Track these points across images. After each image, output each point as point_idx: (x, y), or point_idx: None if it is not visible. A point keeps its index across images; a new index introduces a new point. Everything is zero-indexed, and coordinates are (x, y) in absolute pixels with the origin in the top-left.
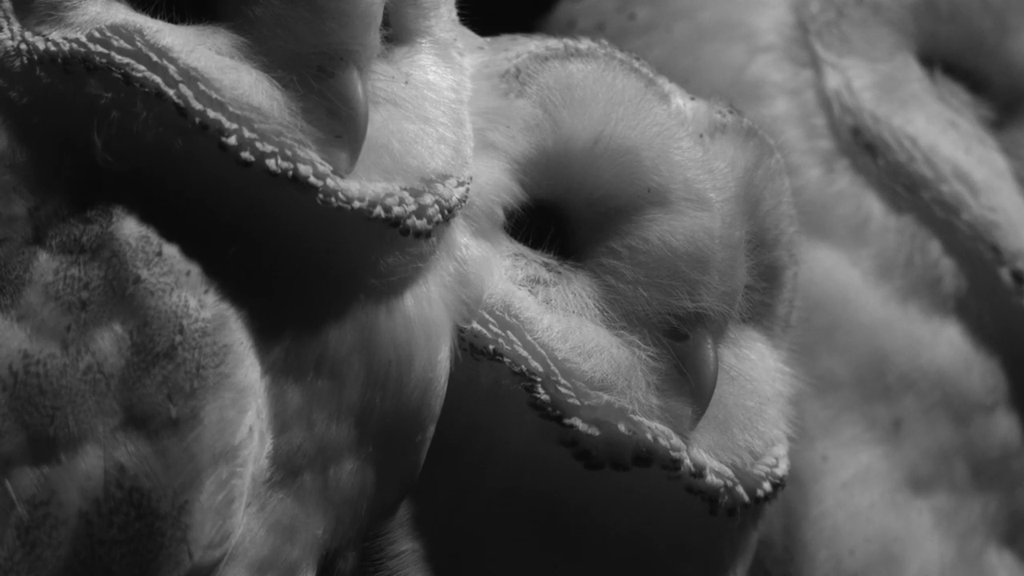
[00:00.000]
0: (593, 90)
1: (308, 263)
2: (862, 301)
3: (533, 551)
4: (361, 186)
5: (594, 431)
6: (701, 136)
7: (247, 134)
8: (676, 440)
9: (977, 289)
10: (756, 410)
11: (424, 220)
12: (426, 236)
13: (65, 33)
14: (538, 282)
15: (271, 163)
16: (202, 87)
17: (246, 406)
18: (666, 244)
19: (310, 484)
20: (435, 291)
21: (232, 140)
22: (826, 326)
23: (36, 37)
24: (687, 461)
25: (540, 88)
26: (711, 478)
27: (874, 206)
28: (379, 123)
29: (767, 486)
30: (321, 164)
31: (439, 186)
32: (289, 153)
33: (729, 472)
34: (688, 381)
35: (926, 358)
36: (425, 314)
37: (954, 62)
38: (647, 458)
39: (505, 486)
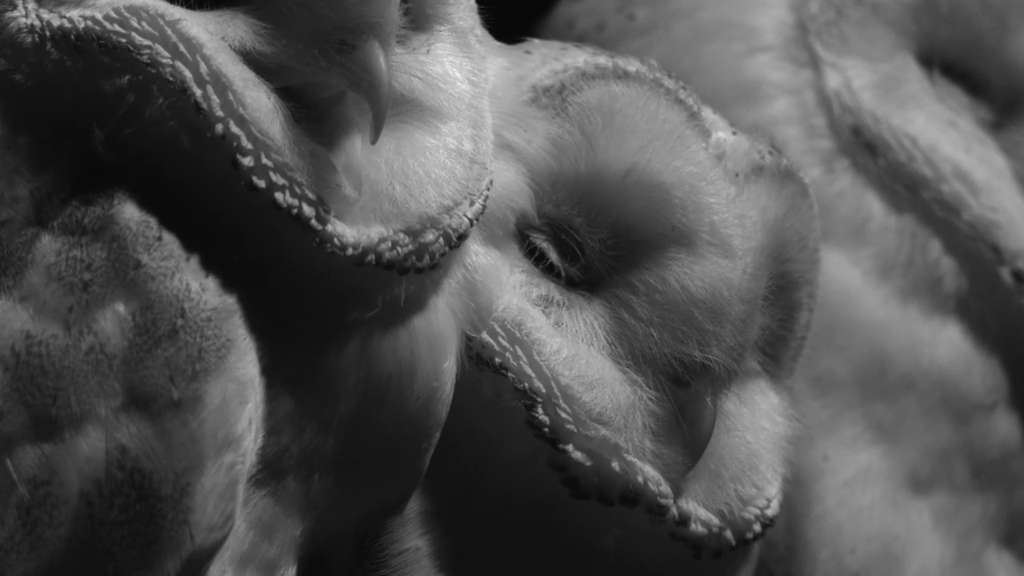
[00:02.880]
0: (634, 119)
1: (308, 280)
2: (862, 301)
3: (530, 556)
4: (357, 234)
5: (586, 461)
6: (737, 175)
7: (264, 160)
8: (665, 487)
9: (977, 289)
10: (750, 462)
11: (426, 258)
12: (430, 268)
13: (83, 12)
14: (552, 303)
15: (279, 196)
16: (230, 97)
17: (247, 398)
18: (684, 288)
19: (293, 487)
20: (442, 300)
21: (248, 161)
22: (827, 326)
23: (51, 15)
24: (673, 510)
25: (580, 109)
26: (695, 527)
27: (874, 206)
28: (383, 165)
29: (757, 528)
30: (325, 209)
31: (446, 217)
32: (298, 191)
33: (716, 520)
34: (683, 431)
35: (926, 358)
36: (430, 324)
37: (953, 62)
38: (634, 499)
39: (501, 491)
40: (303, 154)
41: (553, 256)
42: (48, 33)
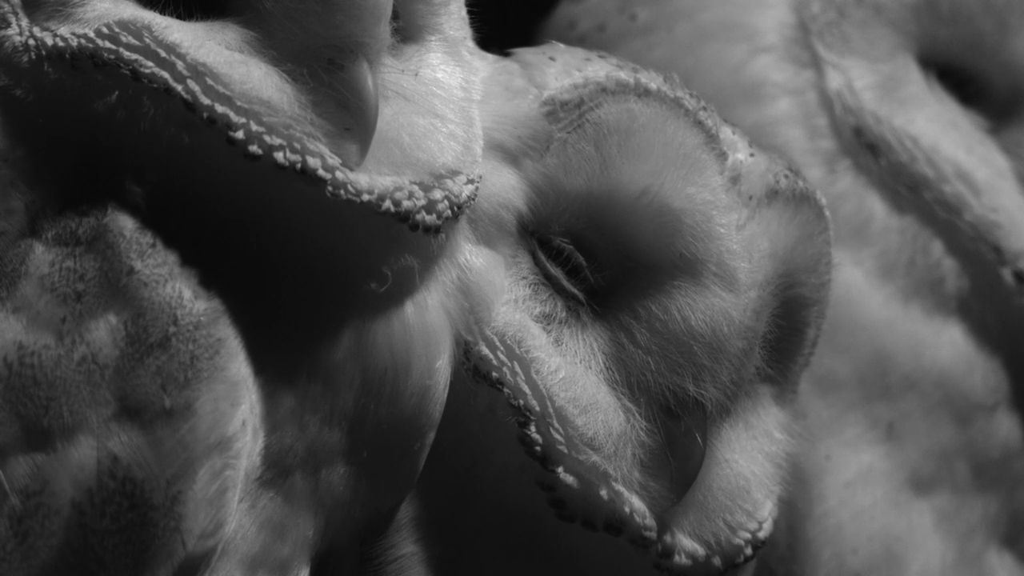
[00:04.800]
0: (650, 141)
1: (309, 265)
2: (864, 301)
3: (521, 565)
4: (371, 179)
5: (575, 485)
6: (751, 198)
7: (255, 128)
8: (650, 520)
9: (979, 289)
10: (741, 491)
11: (434, 215)
12: (435, 232)
13: (73, 29)
14: (553, 319)
15: (279, 156)
16: (210, 82)
17: (240, 399)
18: (684, 319)
19: (301, 485)
20: (436, 298)
21: (239, 134)
22: (829, 326)
23: (44, 33)
24: (656, 544)
25: (597, 127)
26: (679, 559)
27: (876, 206)
28: (389, 116)
29: (748, 551)
30: (330, 157)
31: (449, 182)
32: (298, 146)
33: (702, 551)
34: (672, 466)
35: (928, 358)
36: (424, 321)
37: (954, 63)
38: (618, 528)
39: (491, 502)
40: (304, 105)
41: (580, 258)
42: (44, 53)
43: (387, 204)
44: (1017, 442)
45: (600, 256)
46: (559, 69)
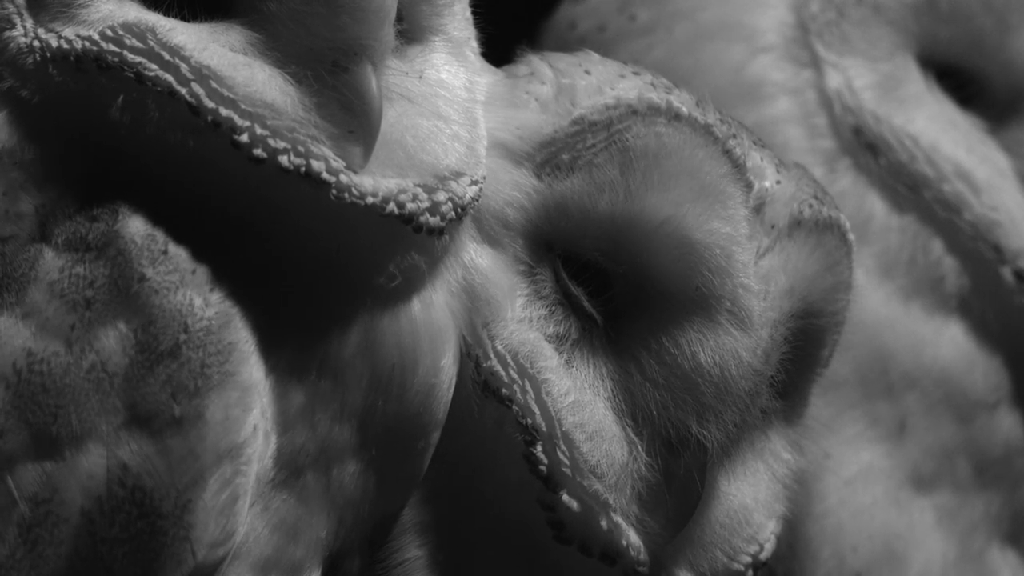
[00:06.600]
0: (676, 170)
1: (317, 263)
2: (865, 300)
3: (523, 573)
4: (375, 182)
5: (577, 509)
6: (773, 227)
7: (259, 131)
8: (644, 556)
9: (979, 288)
10: (741, 524)
11: (437, 217)
12: (439, 234)
13: (78, 30)
14: (566, 340)
15: (283, 159)
16: (214, 85)
17: (251, 404)
18: (693, 355)
19: (313, 484)
20: (441, 297)
21: (244, 138)
22: None
23: (49, 34)
24: None
25: (624, 152)
26: None
27: (876, 206)
28: (393, 119)
29: (749, 574)
30: (335, 160)
31: (453, 183)
32: (302, 149)
33: None
34: (668, 504)
35: (929, 357)
36: (430, 319)
37: (954, 63)
38: (613, 559)
39: (494, 513)
40: (308, 107)
41: (616, 267)
42: (49, 55)
43: (391, 207)
44: (1018, 440)
45: (619, 279)
46: (592, 85)
